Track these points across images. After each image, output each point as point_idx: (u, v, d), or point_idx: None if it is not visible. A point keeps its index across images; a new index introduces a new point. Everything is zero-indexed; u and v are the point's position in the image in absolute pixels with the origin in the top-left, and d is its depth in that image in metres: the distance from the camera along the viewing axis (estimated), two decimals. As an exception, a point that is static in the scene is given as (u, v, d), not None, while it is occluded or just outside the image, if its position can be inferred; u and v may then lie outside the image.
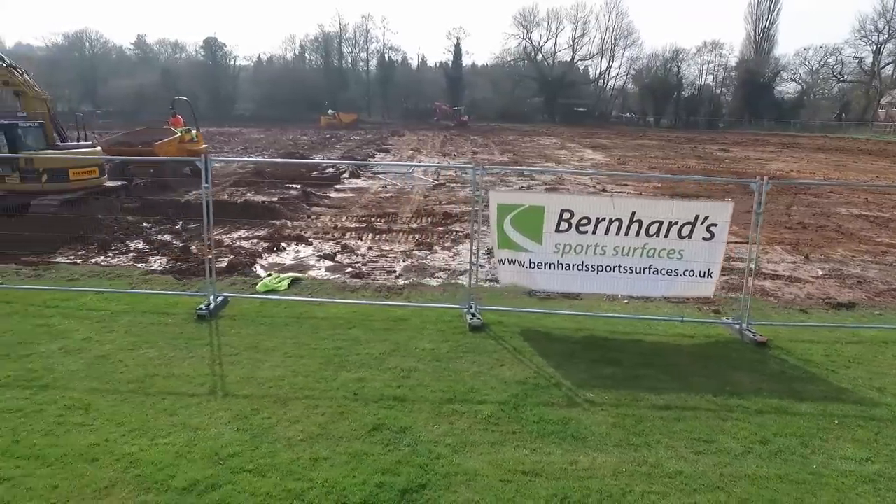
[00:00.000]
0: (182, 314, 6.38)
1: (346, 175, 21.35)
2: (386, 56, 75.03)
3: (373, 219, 14.85)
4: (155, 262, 10.62)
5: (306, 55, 74.31)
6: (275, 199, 16.25)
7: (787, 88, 66.90)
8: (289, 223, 14.34)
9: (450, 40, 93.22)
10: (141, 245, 12.07)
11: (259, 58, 74.37)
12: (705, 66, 68.62)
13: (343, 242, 12.38)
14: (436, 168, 23.34)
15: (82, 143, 14.42)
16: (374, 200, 17.25)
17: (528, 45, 74.15)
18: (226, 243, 12.29)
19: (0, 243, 10.40)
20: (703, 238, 6.18)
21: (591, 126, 59.41)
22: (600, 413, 4.54)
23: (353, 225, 14.19)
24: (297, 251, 11.68)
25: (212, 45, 66.93)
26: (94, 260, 10.63)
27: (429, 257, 11.26)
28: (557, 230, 6.23)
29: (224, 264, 10.32)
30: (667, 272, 6.29)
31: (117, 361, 5.22)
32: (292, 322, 6.19)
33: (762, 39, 66.63)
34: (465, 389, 4.82)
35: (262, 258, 11.03)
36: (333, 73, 69.39)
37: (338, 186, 19.61)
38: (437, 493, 3.52)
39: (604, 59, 74.34)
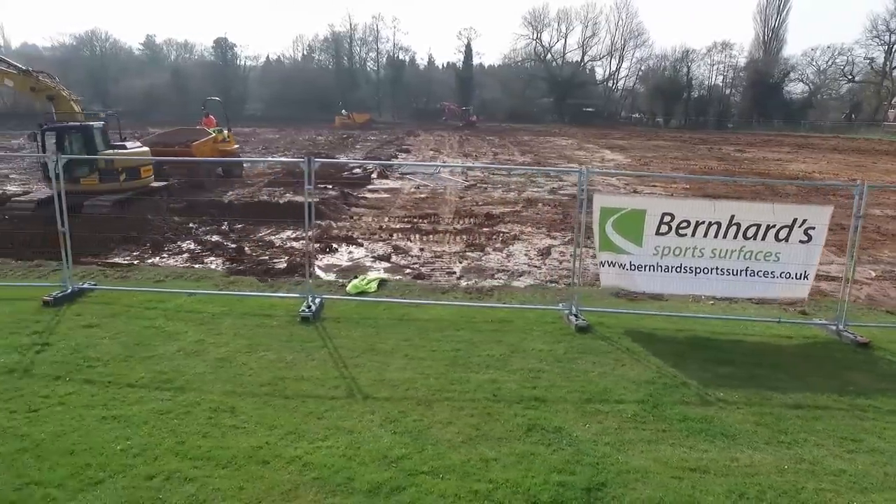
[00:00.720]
0: (283, 316, 6.42)
1: (375, 175, 21.41)
2: (396, 56, 75.13)
3: (415, 220, 14.90)
4: (210, 262, 10.70)
5: (314, 55, 74.41)
6: (316, 199, 16.30)
7: (793, 89, 67.28)
8: (333, 224, 14.42)
9: (460, 40, 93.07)
10: (192, 245, 12.16)
11: (268, 58, 74.77)
12: (715, 67, 68.92)
13: (393, 243, 12.44)
14: (539, 171, 23.36)
15: (128, 142, 14.56)
16: (410, 201, 17.30)
17: (538, 45, 74.44)
18: (276, 244, 12.36)
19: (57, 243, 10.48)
20: (800, 241, 6.26)
21: (601, 126, 59.50)
22: (738, 412, 4.61)
23: (397, 226, 14.26)
24: (350, 252, 11.75)
25: (222, 45, 67.20)
26: (149, 260, 10.71)
27: (483, 258, 11.32)
28: (657, 233, 6.31)
29: (283, 266, 10.42)
30: (763, 274, 6.36)
31: (240, 364, 5.26)
32: (397, 324, 6.25)
33: (771, 39, 66.85)
34: (598, 389, 4.88)
35: (316, 259, 11.08)
36: (344, 73, 69.43)
37: (370, 187, 19.64)
38: (619, 490, 3.59)
39: (613, 60, 74.65)
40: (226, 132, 20.39)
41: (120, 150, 13.09)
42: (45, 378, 4.88)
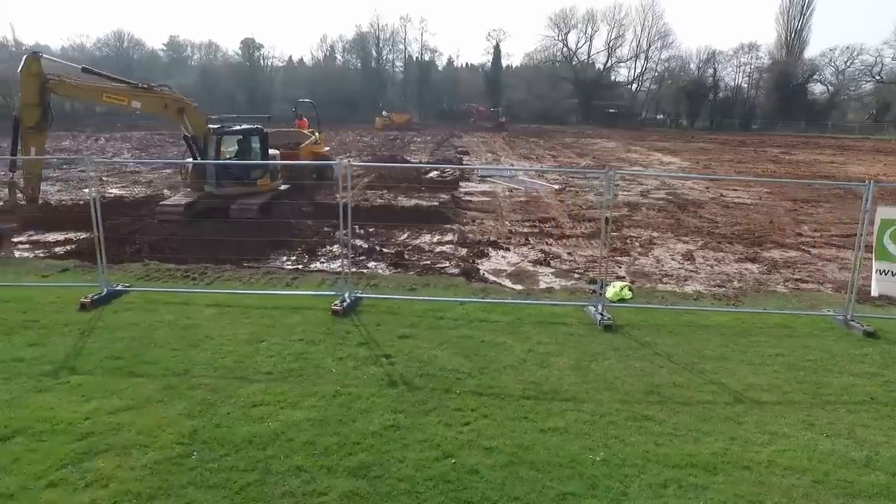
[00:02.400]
0: (578, 324, 6.57)
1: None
2: (421, 57, 75.27)
3: (536, 223, 15.11)
4: (376, 267, 10.96)
5: (337, 55, 74.52)
6: (435, 202, 16.51)
7: (812, 89, 67.94)
8: (463, 228, 14.62)
9: (489, 41, 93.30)
10: (341, 249, 12.33)
11: (290, 58, 74.85)
12: (741, 69, 69.46)
13: (538, 248, 12.73)
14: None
15: None
16: (515, 205, 17.47)
17: (564, 47, 74.85)
18: (425, 248, 12.53)
19: (212, 247, 10.57)
20: None
21: (628, 128, 59.90)
22: None
23: (524, 230, 14.47)
24: (504, 256, 11.98)
25: (249, 46, 67.16)
26: (314, 266, 10.87)
27: (636, 262, 11.60)
28: (931, 242, 6.59)
29: (456, 271, 10.61)
30: None
31: (598, 372, 5.38)
32: (693, 330, 6.47)
33: (793, 41, 67.54)
34: (966, 393, 5.16)
35: (475, 263, 11.26)
36: (371, 74, 69.57)
37: (463, 190, 19.76)
38: None
39: (639, 61, 75.21)
40: (317, 134, 20.52)
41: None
42: (433, 391, 4.98)
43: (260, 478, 3.78)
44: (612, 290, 7.66)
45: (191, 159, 13.60)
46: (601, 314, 6.61)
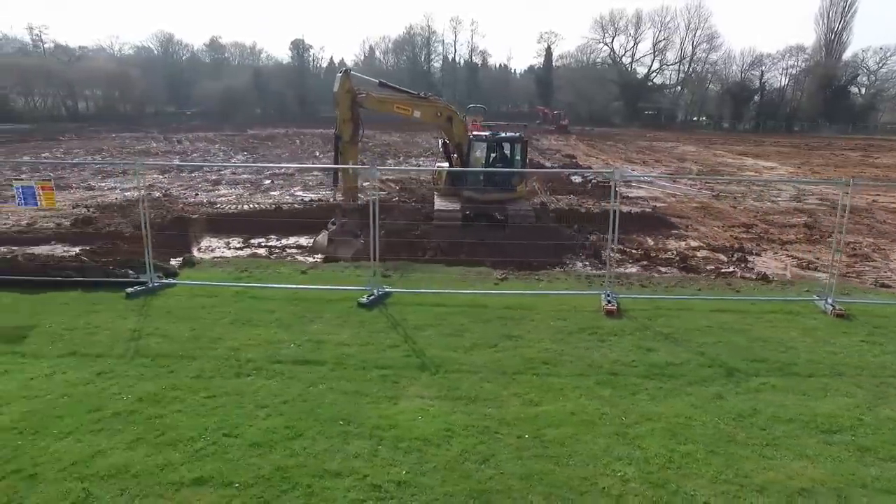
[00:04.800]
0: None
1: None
2: (471, 59, 75.75)
3: (747, 229, 15.68)
4: (667, 272, 11.56)
5: (377, 55, 74.41)
6: (641, 209, 16.98)
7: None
8: (689, 233, 15.18)
9: (541, 44, 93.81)
10: (616, 255, 12.82)
11: (331, 60, 75.02)
12: (788, 71, 70.44)
13: (779, 252, 13.42)
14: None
15: None
16: (696, 211, 17.99)
17: (610, 51, 75.69)
18: (687, 254, 13.03)
19: (506, 252, 10.98)
20: None
21: (674, 129, 60.51)
22: None
23: (744, 235, 15.04)
24: (763, 261, 12.66)
25: (298, 47, 67.21)
26: (617, 269, 11.38)
27: (889, 268, 12.29)
28: None
29: (752, 276, 11.17)
30: None
31: None
32: None
33: (833, 42, 68.73)
34: None
35: (750, 269, 11.85)
36: (419, 75, 69.86)
37: (625, 196, 20.15)
38: None
39: (685, 63, 75.64)
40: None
41: None
42: None
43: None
44: None
45: (446, 164, 14.10)
46: None
